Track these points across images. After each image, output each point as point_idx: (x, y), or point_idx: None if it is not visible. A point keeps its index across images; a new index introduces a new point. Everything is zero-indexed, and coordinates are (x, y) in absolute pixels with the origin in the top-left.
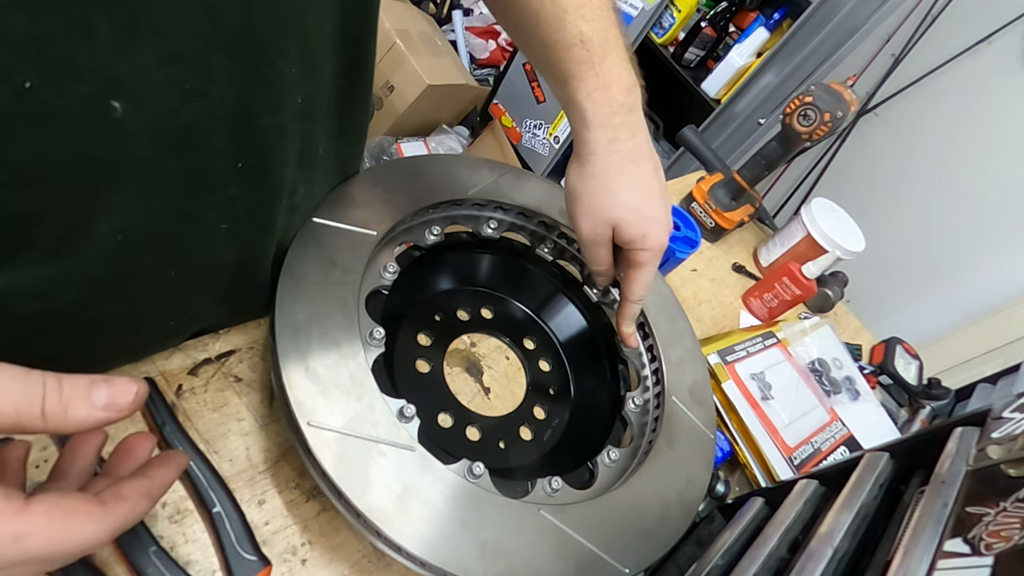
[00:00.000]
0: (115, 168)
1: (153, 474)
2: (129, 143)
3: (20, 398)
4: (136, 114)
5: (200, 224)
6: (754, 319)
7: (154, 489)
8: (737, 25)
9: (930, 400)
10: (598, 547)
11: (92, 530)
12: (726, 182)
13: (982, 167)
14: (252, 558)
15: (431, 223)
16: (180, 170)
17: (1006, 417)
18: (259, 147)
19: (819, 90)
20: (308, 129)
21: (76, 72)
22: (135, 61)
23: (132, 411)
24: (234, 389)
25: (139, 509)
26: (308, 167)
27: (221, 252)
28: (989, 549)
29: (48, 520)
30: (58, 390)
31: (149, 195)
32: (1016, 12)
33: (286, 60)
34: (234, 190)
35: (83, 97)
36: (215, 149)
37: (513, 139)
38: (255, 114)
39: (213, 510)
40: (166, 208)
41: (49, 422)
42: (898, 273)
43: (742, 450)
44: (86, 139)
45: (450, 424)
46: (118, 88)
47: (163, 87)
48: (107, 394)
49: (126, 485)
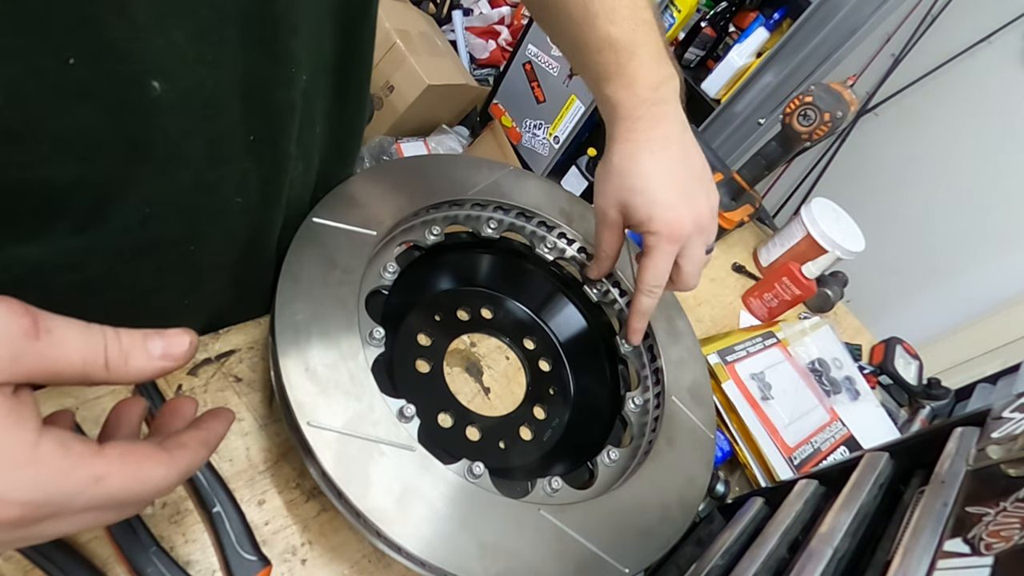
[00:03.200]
0: (147, 143)
1: (207, 426)
2: (161, 119)
3: (85, 349)
4: (171, 92)
5: (218, 197)
6: (754, 319)
7: (210, 439)
8: (737, 25)
9: (930, 400)
10: (598, 547)
11: (163, 474)
12: (726, 182)
13: (982, 167)
14: (252, 558)
15: (431, 223)
16: (202, 143)
17: (1006, 417)
18: (268, 120)
19: (819, 90)
20: (308, 106)
21: (118, 52)
22: (171, 41)
23: (187, 359)
24: (234, 389)
25: (199, 456)
26: (304, 144)
27: (235, 226)
28: (989, 549)
29: (123, 463)
30: (117, 341)
31: (175, 169)
32: (1016, 12)
33: (295, 35)
34: (247, 163)
35: (124, 76)
36: (230, 121)
37: (513, 139)
38: (267, 87)
39: (213, 510)
40: (189, 181)
41: (112, 371)
42: (898, 273)
43: (742, 450)
44: (124, 116)
45: (450, 424)
46: (157, 68)
47: (193, 64)
48: (162, 344)
49: (185, 435)
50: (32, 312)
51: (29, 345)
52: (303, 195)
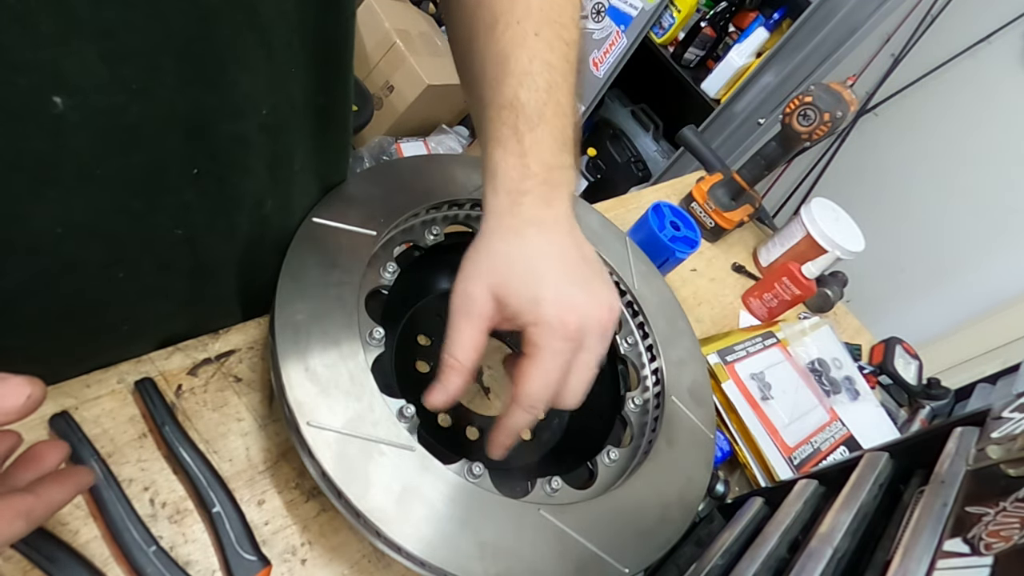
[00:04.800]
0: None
1: (42, 491)
2: (70, 138)
3: None
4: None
5: (149, 225)
6: (754, 319)
7: (36, 509)
8: (737, 25)
9: (930, 400)
10: (598, 547)
11: None
12: (726, 182)
13: (982, 167)
14: (252, 558)
15: (431, 223)
16: (125, 169)
17: (1006, 417)
18: (217, 155)
19: (819, 90)
20: (277, 142)
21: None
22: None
23: (20, 416)
24: (234, 389)
25: (11, 530)
26: (281, 180)
27: (175, 256)
28: (989, 549)
29: None
30: None
31: (91, 191)
32: (1016, 12)
33: (246, 70)
34: (188, 195)
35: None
36: (168, 152)
37: None
38: (212, 121)
39: (213, 510)
40: (110, 206)
41: None
42: (898, 273)
43: (742, 450)
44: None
45: (450, 424)
46: (60, 83)
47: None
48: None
49: (4, 500)
50: None
51: None
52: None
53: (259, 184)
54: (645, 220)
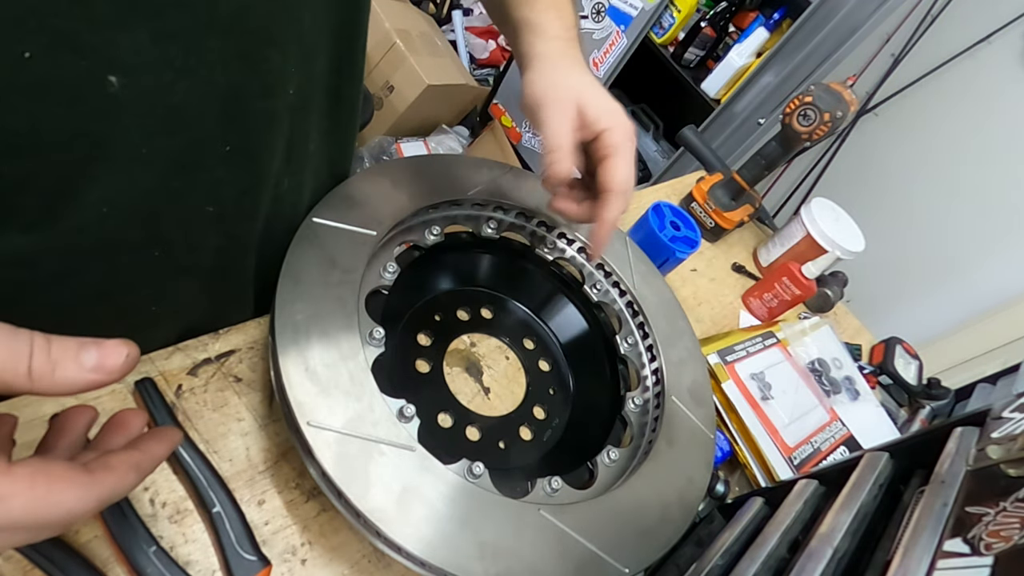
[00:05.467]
0: (106, 141)
1: (144, 447)
2: (122, 118)
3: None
4: (130, 89)
5: (185, 204)
6: (754, 319)
7: (143, 462)
8: (737, 25)
9: (930, 400)
10: (598, 547)
11: (76, 497)
12: (726, 182)
13: (982, 167)
14: (252, 558)
15: (431, 223)
16: (169, 148)
17: (1006, 417)
18: (248, 132)
19: (819, 90)
20: (299, 122)
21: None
22: (133, 38)
23: (122, 375)
24: (234, 389)
25: (126, 481)
26: (296, 160)
27: (205, 234)
28: (989, 549)
29: (31, 484)
30: (46, 349)
31: (137, 170)
32: (1016, 12)
33: (278, 49)
34: (220, 172)
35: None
36: (204, 130)
37: (513, 139)
38: (246, 98)
39: (213, 510)
40: (153, 185)
41: (36, 382)
42: (898, 273)
43: (742, 450)
44: (80, 111)
45: (450, 424)
46: (115, 63)
47: (158, 64)
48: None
49: (115, 456)
50: None
51: None
52: (295, 211)
53: (279, 164)
54: (645, 220)
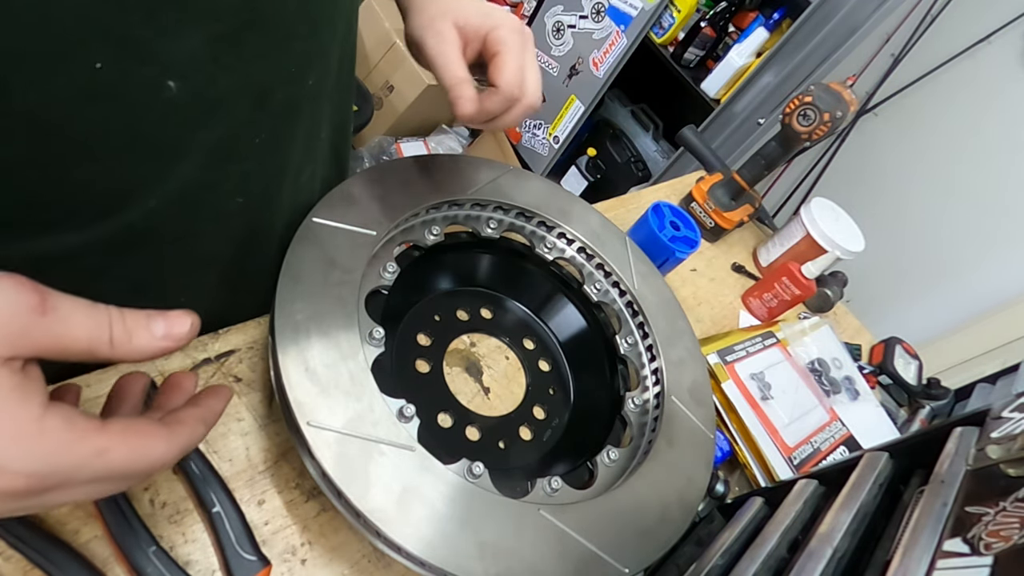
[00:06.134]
0: (160, 142)
1: (204, 403)
2: (174, 116)
3: (91, 326)
4: (184, 91)
5: (217, 195)
6: (754, 319)
7: (207, 416)
8: (737, 25)
9: (930, 400)
10: (598, 547)
11: (162, 449)
12: (726, 182)
13: (982, 167)
14: (252, 558)
15: (431, 223)
16: (207, 141)
17: (1005, 417)
18: (275, 122)
19: (819, 90)
20: (315, 111)
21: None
22: (191, 43)
23: (188, 339)
24: (234, 389)
25: (197, 433)
26: (311, 149)
27: (232, 225)
28: (988, 549)
29: (125, 438)
30: (122, 320)
31: (180, 166)
32: (1016, 12)
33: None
34: (250, 164)
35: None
36: (239, 122)
37: (513, 139)
38: (273, 89)
39: (213, 510)
40: (191, 179)
41: (116, 349)
42: (898, 273)
43: (742, 450)
44: (143, 116)
45: (450, 424)
46: (174, 68)
47: (207, 64)
48: (164, 325)
49: (183, 412)
50: (40, 289)
51: (36, 321)
52: (308, 200)
53: (299, 153)
54: (645, 220)
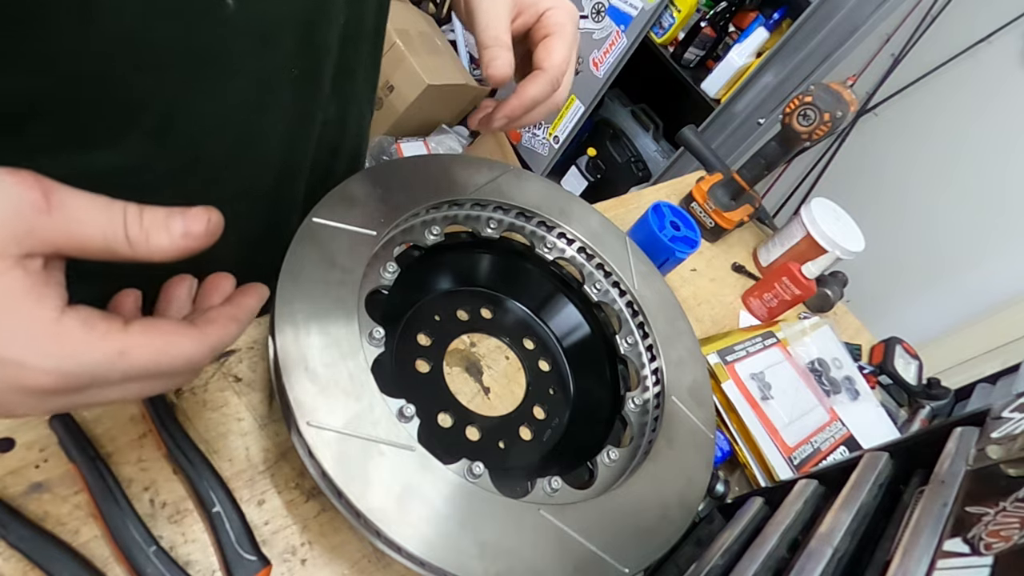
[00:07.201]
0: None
1: (237, 302)
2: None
3: (105, 223)
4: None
5: (262, 122)
6: (754, 319)
7: (240, 315)
8: (737, 25)
9: (930, 400)
10: (598, 547)
11: (191, 346)
12: (726, 182)
13: (982, 167)
14: (252, 558)
15: (431, 223)
16: (254, 68)
17: (1005, 417)
18: (309, 57)
19: (819, 90)
20: (348, 53)
21: None
22: None
23: (208, 239)
24: (234, 389)
25: (229, 330)
26: (342, 89)
27: (269, 155)
28: (989, 549)
29: (146, 337)
30: (139, 218)
31: (231, 88)
32: (1016, 12)
33: None
34: (287, 95)
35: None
36: (281, 52)
37: (513, 139)
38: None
39: (212, 510)
40: (240, 102)
41: (135, 248)
42: (898, 273)
43: (742, 450)
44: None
45: (450, 424)
46: None
47: None
48: (183, 223)
49: (214, 311)
50: (44, 185)
51: (41, 218)
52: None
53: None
54: (645, 220)
